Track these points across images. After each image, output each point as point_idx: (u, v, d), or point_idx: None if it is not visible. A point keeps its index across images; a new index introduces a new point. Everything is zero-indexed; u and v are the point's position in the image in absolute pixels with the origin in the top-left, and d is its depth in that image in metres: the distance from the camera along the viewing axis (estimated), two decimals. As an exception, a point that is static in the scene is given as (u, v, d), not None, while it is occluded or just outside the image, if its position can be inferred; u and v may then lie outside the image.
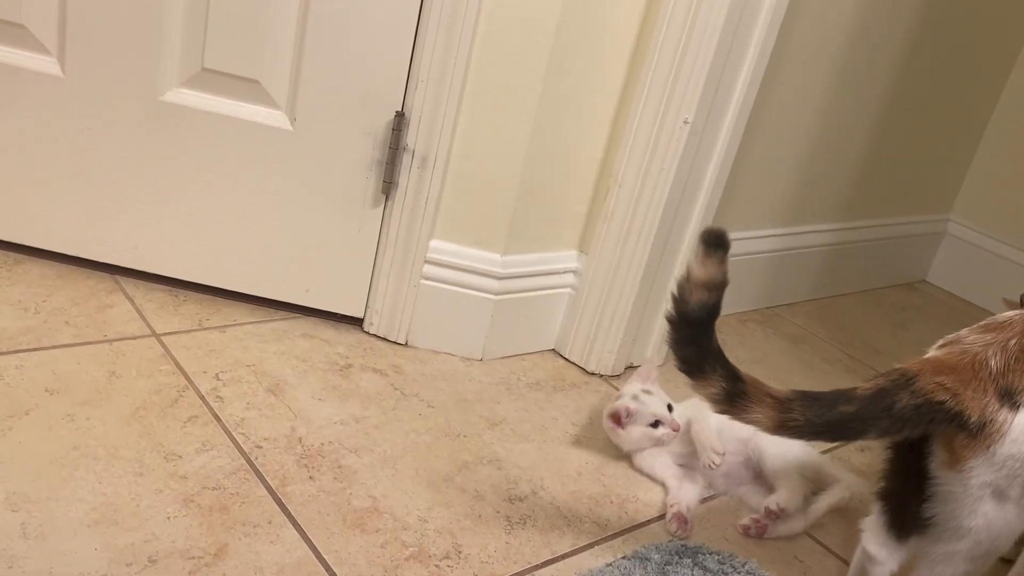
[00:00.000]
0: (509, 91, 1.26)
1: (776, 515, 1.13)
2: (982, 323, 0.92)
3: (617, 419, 1.20)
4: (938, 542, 0.88)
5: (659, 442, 1.19)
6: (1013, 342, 0.86)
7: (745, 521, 1.14)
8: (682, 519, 1.12)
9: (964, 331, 0.92)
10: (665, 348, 1.52)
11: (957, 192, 2.32)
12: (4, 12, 1.20)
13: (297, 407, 1.16)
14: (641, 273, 1.38)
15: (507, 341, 1.42)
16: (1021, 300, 1.17)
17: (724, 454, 1.15)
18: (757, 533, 1.13)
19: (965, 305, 2.27)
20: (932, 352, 0.91)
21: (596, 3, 1.26)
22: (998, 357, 0.85)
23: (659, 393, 1.22)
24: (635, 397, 1.20)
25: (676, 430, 1.18)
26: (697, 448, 1.17)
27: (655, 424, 1.18)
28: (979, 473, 0.83)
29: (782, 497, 1.14)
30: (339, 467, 1.07)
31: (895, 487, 0.93)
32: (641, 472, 1.21)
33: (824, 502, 1.17)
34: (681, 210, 1.38)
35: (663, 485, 1.19)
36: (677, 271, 1.44)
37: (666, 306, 1.43)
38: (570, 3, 1.23)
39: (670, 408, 1.20)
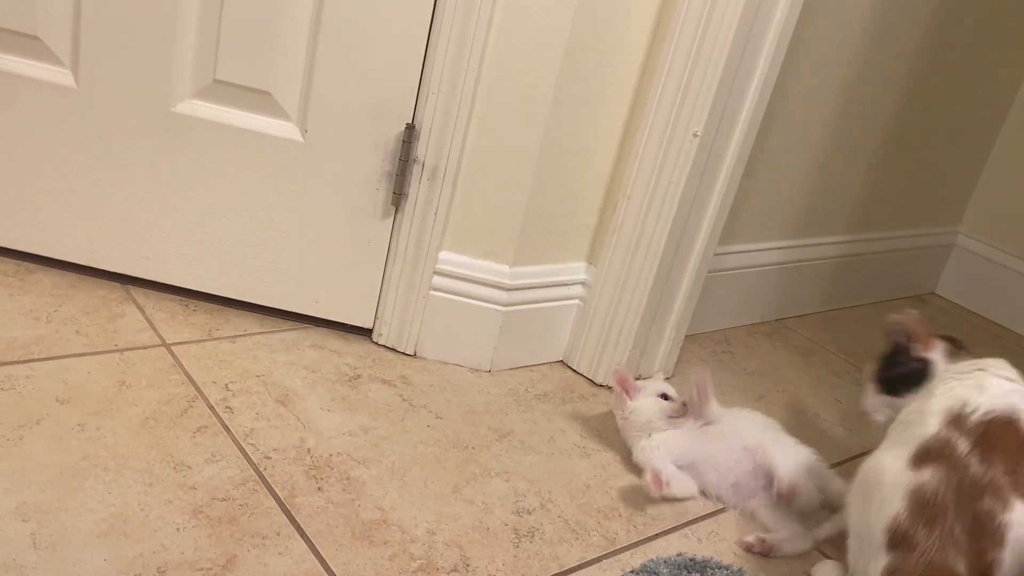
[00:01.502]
0: (519, 103, 1.27)
1: (785, 495, 1.13)
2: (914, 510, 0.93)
3: (624, 384, 1.23)
4: None
5: (672, 415, 1.20)
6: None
7: (750, 539, 1.13)
8: (658, 479, 1.14)
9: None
10: (673, 360, 1.52)
11: (966, 204, 2.31)
12: (19, 24, 1.21)
13: (306, 418, 1.16)
14: (650, 285, 1.38)
15: (515, 352, 1.42)
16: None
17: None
18: (761, 552, 1.12)
19: (974, 317, 2.26)
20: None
21: (607, 16, 1.26)
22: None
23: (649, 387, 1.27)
24: (636, 379, 1.26)
25: (685, 404, 1.22)
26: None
27: (664, 397, 1.22)
28: None
29: (787, 473, 1.15)
30: (347, 478, 1.07)
31: None
32: (639, 466, 1.21)
33: (833, 523, 1.16)
34: (690, 222, 1.38)
35: None
36: (685, 283, 1.44)
37: (674, 318, 1.44)
38: (581, 15, 1.24)
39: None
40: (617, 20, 1.28)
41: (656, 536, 1.12)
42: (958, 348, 1.12)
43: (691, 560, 1.07)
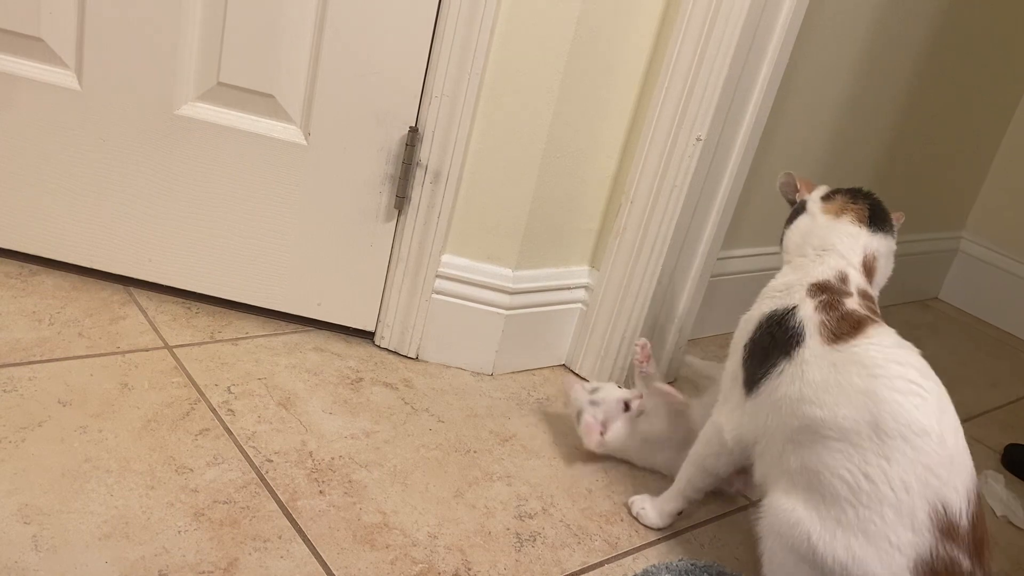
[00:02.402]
0: (522, 107, 1.27)
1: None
2: None
3: (597, 430, 1.21)
4: None
5: (634, 400, 1.22)
6: None
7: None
8: (592, 428, 1.19)
9: None
10: (674, 366, 1.52)
11: (970, 209, 2.31)
12: (23, 26, 1.21)
13: (308, 421, 1.16)
14: (652, 289, 1.37)
15: (518, 356, 1.42)
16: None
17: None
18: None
19: (977, 323, 2.26)
20: None
21: (610, 21, 1.26)
22: None
23: (606, 386, 1.25)
24: (592, 403, 1.22)
25: (640, 397, 1.22)
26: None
27: (627, 407, 1.21)
28: None
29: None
30: (349, 482, 1.07)
31: None
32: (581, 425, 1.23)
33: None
34: (693, 227, 1.38)
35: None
36: (689, 287, 1.44)
37: (677, 322, 1.44)
38: (584, 21, 1.24)
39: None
40: (620, 25, 1.28)
41: (658, 541, 1.12)
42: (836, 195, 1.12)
43: (693, 565, 1.06)
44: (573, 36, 1.24)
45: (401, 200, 1.29)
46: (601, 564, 1.05)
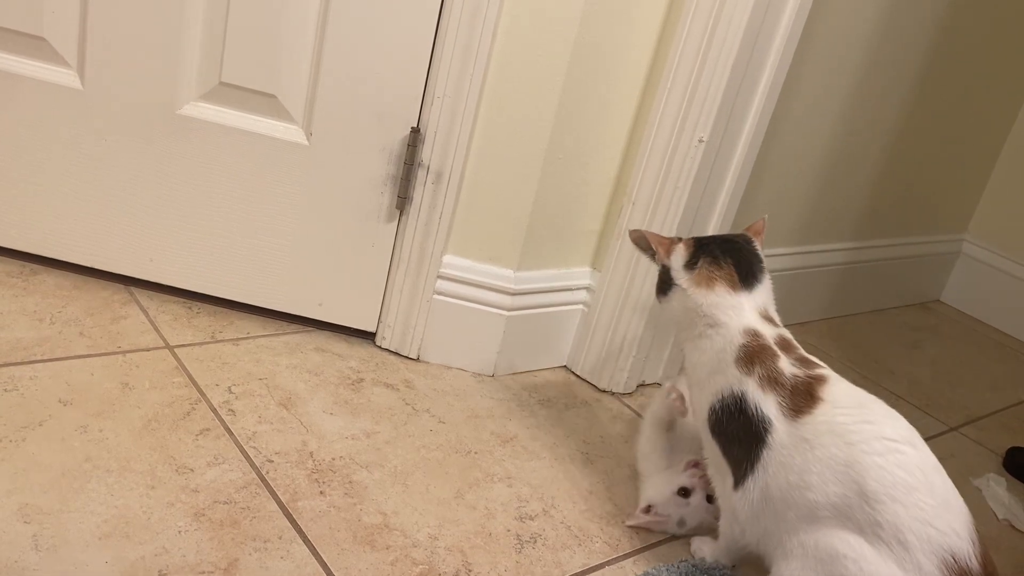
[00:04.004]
0: (524, 108, 1.27)
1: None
2: None
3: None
4: None
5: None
6: None
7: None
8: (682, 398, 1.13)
9: None
10: (677, 367, 1.52)
11: (972, 212, 2.31)
12: (26, 25, 1.21)
13: (308, 421, 1.16)
14: (654, 291, 1.37)
15: (519, 357, 1.42)
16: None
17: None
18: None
19: (979, 325, 2.25)
20: None
21: (613, 22, 1.26)
22: None
23: (668, 477, 1.14)
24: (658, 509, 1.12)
25: (695, 465, 1.12)
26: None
27: (684, 493, 1.12)
28: None
29: None
30: (350, 483, 1.07)
31: None
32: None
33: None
34: (695, 229, 1.38)
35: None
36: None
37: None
38: (587, 21, 1.24)
39: (683, 493, 1.13)
40: (623, 25, 1.28)
41: (659, 543, 1.12)
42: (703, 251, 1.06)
43: (694, 567, 1.06)
44: (576, 37, 1.24)
45: (403, 200, 1.29)
46: (602, 566, 1.05)
